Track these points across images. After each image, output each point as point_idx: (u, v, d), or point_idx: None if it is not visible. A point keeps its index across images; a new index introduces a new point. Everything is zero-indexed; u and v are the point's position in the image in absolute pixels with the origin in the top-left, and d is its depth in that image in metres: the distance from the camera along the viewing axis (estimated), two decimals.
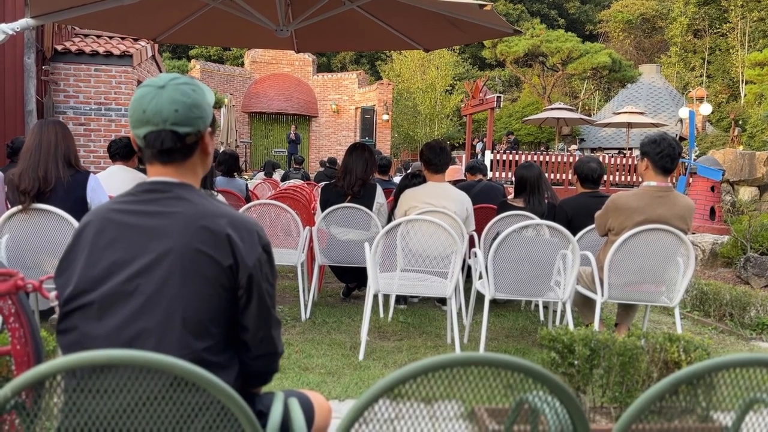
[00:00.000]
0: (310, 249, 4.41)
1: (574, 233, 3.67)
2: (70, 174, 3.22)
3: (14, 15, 7.22)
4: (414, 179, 4.74)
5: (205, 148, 1.37)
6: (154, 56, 10.07)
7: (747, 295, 4.66)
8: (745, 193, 10.81)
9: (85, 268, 1.25)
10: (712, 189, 8.28)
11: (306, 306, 4.29)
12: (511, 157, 13.92)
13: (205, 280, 1.22)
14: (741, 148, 17.29)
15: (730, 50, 29.19)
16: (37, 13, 3.67)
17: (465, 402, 1.02)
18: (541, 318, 4.49)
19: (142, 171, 4.70)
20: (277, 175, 11.21)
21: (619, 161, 14.19)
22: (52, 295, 1.65)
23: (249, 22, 4.49)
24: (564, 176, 13.70)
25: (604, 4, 38.47)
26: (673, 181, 10.82)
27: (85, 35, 9.13)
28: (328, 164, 11.54)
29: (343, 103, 21.29)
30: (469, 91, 15.18)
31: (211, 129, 1.39)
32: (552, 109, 18.50)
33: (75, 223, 3.12)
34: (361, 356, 3.40)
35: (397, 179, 7.35)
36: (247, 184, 5.70)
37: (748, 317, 4.47)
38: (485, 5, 3.28)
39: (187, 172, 1.35)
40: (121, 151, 4.40)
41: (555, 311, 4.26)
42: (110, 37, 9.11)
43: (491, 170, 13.24)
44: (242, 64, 24.31)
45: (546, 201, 4.43)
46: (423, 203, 3.96)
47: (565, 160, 14.08)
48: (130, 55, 8.67)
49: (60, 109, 8.50)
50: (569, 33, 26.08)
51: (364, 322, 3.45)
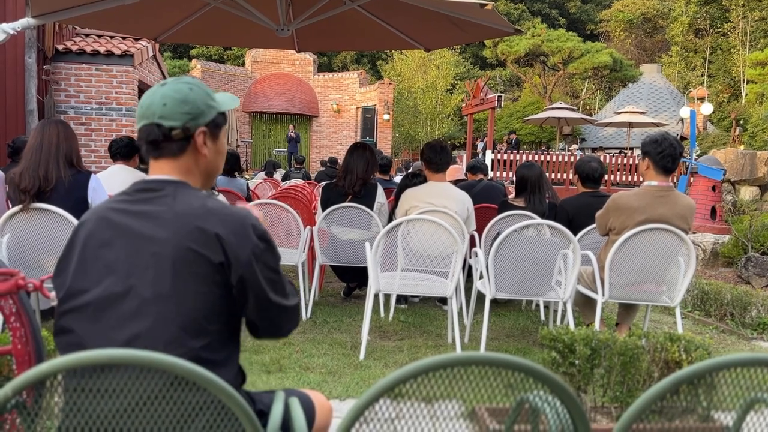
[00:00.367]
0: (311, 248, 4.41)
1: (575, 233, 3.67)
2: (71, 174, 3.22)
3: (15, 14, 7.23)
4: (415, 179, 4.74)
5: (198, 148, 1.36)
6: (155, 56, 10.08)
7: (748, 295, 4.66)
8: (746, 193, 10.81)
9: (79, 269, 1.26)
10: (713, 189, 8.28)
11: (307, 305, 4.29)
12: (512, 157, 13.92)
13: (199, 279, 1.22)
14: (742, 147, 17.29)
15: (732, 50, 29.17)
16: (38, 13, 3.68)
17: (466, 401, 1.02)
18: (542, 318, 4.49)
19: (143, 171, 4.70)
20: (278, 175, 11.21)
21: (619, 161, 14.18)
22: (53, 294, 1.65)
23: (250, 22, 4.49)
24: (565, 176, 13.69)
25: (605, 4, 38.44)
26: (674, 180, 10.81)
27: (86, 35, 9.14)
28: (328, 164, 11.54)
29: (343, 103, 21.29)
30: (470, 91, 15.17)
31: (207, 129, 1.36)
32: (553, 109, 18.49)
33: (76, 223, 3.12)
34: (362, 356, 3.40)
35: (398, 179, 7.35)
36: (248, 184, 5.70)
37: (749, 317, 4.46)
38: (486, 4, 3.28)
39: (181, 170, 1.35)
40: (121, 151, 4.41)
41: (556, 311, 4.26)
42: (111, 37, 9.11)
43: (492, 170, 13.24)
44: (243, 64, 24.32)
45: (547, 201, 4.43)
46: (424, 203, 3.96)
47: (566, 159, 14.07)
48: (131, 55, 8.67)
49: (61, 108, 8.51)
50: (570, 32, 26.08)
51: (365, 321, 3.45)
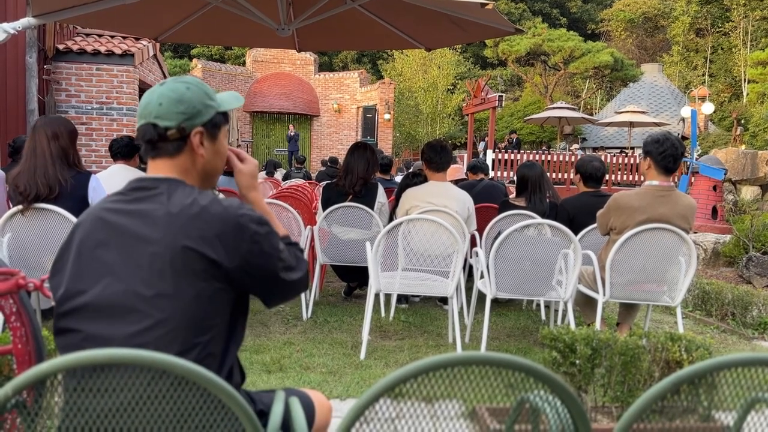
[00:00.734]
0: (312, 248, 4.41)
1: (576, 232, 3.67)
2: (70, 175, 3.19)
3: (15, 14, 7.23)
4: (415, 178, 4.74)
5: (195, 148, 1.34)
6: (155, 55, 10.08)
7: (749, 295, 4.65)
8: (748, 193, 10.80)
9: (76, 270, 1.25)
10: (714, 188, 8.27)
11: (307, 305, 4.29)
12: (512, 157, 13.91)
13: (197, 275, 1.21)
14: (743, 147, 17.27)
15: (733, 49, 29.14)
16: (39, 13, 3.68)
17: (466, 401, 1.02)
18: (543, 317, 4.49)
19: (144, 170, 4.70)
20: (279, 175, 11.21)
21: (620, 160, 14.17)
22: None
23: (250, 22, 4.50)
24: (566, 175, 13.69)
25: (606, 3, 38.41)
26: (675, 180, 10.80)
27: (87, 34, 9.14)
28: (329, 163, 11.54)
29: (344, 103, 21.29)
30: (471, 91, 15.17)
31: (204, 130, 1.35)
32: (554, 109, 18.48)
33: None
34: (363, 355, 3.40)
35: (399, 178, 7.35)
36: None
37: (750, 317, 4.46)
38: (487, 4, 3.28)
39: (178, 170, 1.35)
40: (122, 151, 4.41)
41: (556, 311, 4.26)
42: (112, 37, 9.11)
43: (493, 169, 13.23)
44: (244, 64, 24.32)
45: (548, 200, 4.43)
46: (424, 202, 3.96)
47: (567, 159, 14.06)
48: (132, 55, 8.67)
49: (62, 108, 8.51)
50: (571, 32, 26.07)
51: (366, 321, 3.45)
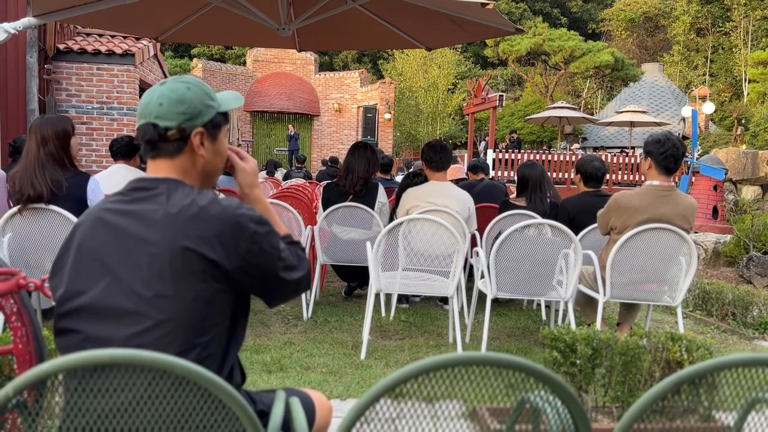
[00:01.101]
0: (312, 248, 4.41)
1: (576, 232, 3.67)
2: (66, 177, 3.16)
3: (16, 14, 7.23)
4: (416, 178, 4.74)
5: (195, 149, 1.34)
6: (156, 55, 10.08)
7: (749, 295, 4.65)
8: (748, 192, 10.79)
9: (75, 270, 1.25)
10: (715, 188, 8.27)
11: (308, 305, 4.29)
12: (513, 156, 13.91)
13: (197, 276, 1.21)
14: (744, 147, 17.27)
15: (733, 49, 29.13)
16: (39, 12, 3.68)
17: (467, 401, 1.02)
18: (543, 317, 4.49)
19: (144, 170, 4.70)
20: (279, 174, 11.21)
21: (621, 160, 14.16)
22: None
23: (251, 21, 4.49)
24: (566, 175, 13.68)
25: (607, 3, 38.40)
26: (676, 180, 10.80)
27: (87, 34, 9.14)
28: (330, 163, 11.53)
29: (345, 102, 21.29)
30: (472, 90, 15.17)
31: (205, 130, 1.35)
32: (554, 108, 18.47)
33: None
34: (363, 355, 3.41)
35: (399, 178, 7.35)
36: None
37: (750, 317, 4.46)
38: (487, 4, 3.28)
39: (177, 170, 1.35)
40: (122, 150, 4.41)
41: (557, 310, 4.26)
42: (112, 36, 9.11)
43: (493, 169, 13.23)
44: (244, 63, 24.32)
45: (548, 200, 4.43)
46: (425, 202, 3.96)
47: (568, 159, 14.06)
48: (132, 54, 8.67)
49: (62, 108, 8.51)
50: (571, 32, 26.07)
51: (366, 321, 3.45)
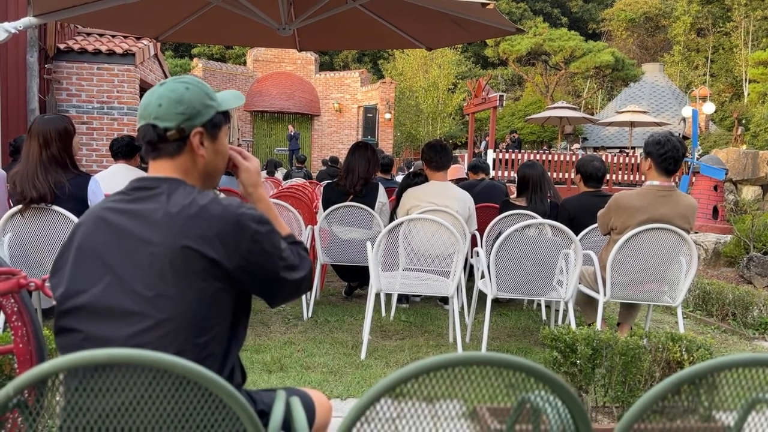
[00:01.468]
0: (312, 248, 4.41)
1: (577, 232, 3.67)
2: (68, 178, 3.16)
3: (17, 14, 7.23)
4: (416, 178, 4.74)
5: (195, 149, 1.34)
6: (156, 55, 10.08)
7: (750, 295, 4.65)
8: (748, 193, 10.78)
9: (76, 269, 1.25)
10: (715, 188, 8.26)
11: (308, 305, 4.29)
12: (513, 156, 13.91)
13: (197, 275, 1.21)
14: (744, 147, 17.27)
15: (734, 49, 29.11)
16: (40, 12, 3.68)
17: (467, 401, 1.02)
18: (543, 317, 4.49)
19: (145, 170, 4.70)
20: (280, 174, 11.22)
21: (621, 160, 14.16)
22: None
23: (251, 21, 4.49)
24: (567, 175, 13.68)
25: (607, 3, 38.38)
26: (676, 180, 10.80)
27: (88, 34, 9.14)
28: (330, 163, 11.54)
29: (345, 102, 21.29)
30: (472, 90, 15.17)
31: (204, 130, 1.35)
32: (555, 108, 18.46)
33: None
34: (363, 355, 3.41)
35: (399, 178, 7.35)
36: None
37: (750, 317, 4.46)
38: (488, 4, 3.28)
39: (178, 170, 1.35)
40: (123, 150, 4.41)
41: (557, 310, 4.26)
42: (113, 36, 9.11)
43: (494, 169, 13.22)
44: (244, 63, 24.32)
45: (549, 200, 4.43)
46: (425, 202, 3.96)
47: (568, 159, 14.05)
48: (133, 54, 8.67)
49: (62, 107, 8.51)
50: (572, 32, 26.07)
51: (366, 321, 3.45)
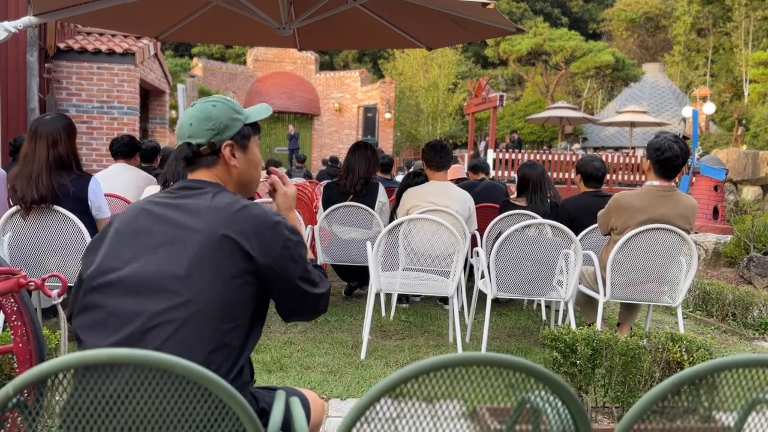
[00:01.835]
0: (312, 248, 4.41)
1: (577, 232, 3.67)
2: (70, 179, 3.15)
3: (17, 13, 7.23)
4: (416, 178, 4.74)
5: (227, 160, 1.45)
6: (156, 54, 10.08)
7: (750, 295, 4.65)
8: (749, 193, 10.78)
9: (112, 249, 1.31)
10: (716, 188, 8.26)
11: None
12: (513, 156, 13.91)
13: (231, 263, 1.28)
14: (744, 147, 17.27)
15: (734, 49, 29.10)
16: (40, 11, 3.67)
17: (467, 401, 1.02)
18: (543, 317, 4.49)
19: (144, 169, 4.70)
20: None
21: (621, 160, 14.15)
22: (54, 293, 1.65)
23: (251, 20, 4.49)
24: (567, 175, 13.67)
25: (608, 3, 38.37)
26: (677, 180, 10.78)
27: (88, 33, 9.14)
28: (330, 163, 11.54)
29: (345, 102, 21.29)
30: (472, 90, 15.16)
31: (234, 142, 1.45)
32: (555, 108, 18.47)
33: (78, 222, 3.12)
34: (363, 355, 3.41)
35: (399, 178, 7.35)
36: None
37: (750, 317, 4.46)
38: (488, 3, 3.27)
39: (215, 178, 1.46)
40: (122, 150, 4.41)
41: (557, 311, 4.26)
42: (113, 35, 9.11)
43: (494, 169, 13.22)
44: (245, 63, 24.32)
45: (549, 200, 4.43)
46: (425, 202, 3.96)
47: (568, 159, 14.05)
48: (133, 54, 8.67)
49: (62, 107, 8.51)
50: (572, 31, 26.09)
51: (366, 320, 3.45)
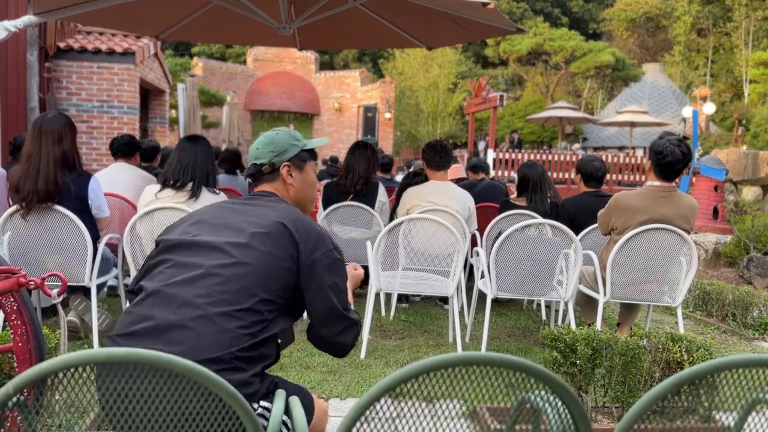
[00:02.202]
0: None
1: (577, 232, 3.66)
2: (70, 178, 3.16)
3: (17, 12, 7.23)
4: (416, 178, 4.74)
5: (284, 178, 1.71)
6: (156, 54, 10.08)
7: (750, 295, 4.65)
8: (749, 193, 10.78)
9: (190, 226, 1.55)
10: (716, 188, 8.26)
11: None
12: (513, 156, 13.90)
13: (280, 247, 1.48)
14: (744, 147, 17.26)
15: (734, 49, 29.08)
16: (40, 11, 3.67)
17: (467, 401, 1.02)
18: (543, 317, 4.48)
19: (144, 169, 4.70)
20: None
21: (621, 160, 14.15)
22: (54, 292, 1.65)
23: (252, 20, 4.49)
24: (567, 175, 13.67)
25: (608, 3, 38.35)
26: (677, 180, 10.78)
27: (88, 32, 9.13)
28: (330, 162, 11.53)
29: (345, 102, 21.28)
30: (472, 90, 15.16)
31: (291, 163, 1.71)
32: (555, 108, 18.47)
33: (78, 222, 3.12)
34: (363, 355, 3.40)
35: (399, 177, 7.35)
36: (249, 181, 5.68)
37: (750, 317, 4.46)
38: (488, 3, 3.27)
39: (276, 192, 1.71)
40: (122, 149, 4.40)
41: (557, 310, 4.26)
42: (113, 35, 9.11)
43: (494, 169, 13.22)
44: (245, 62, 24.31)
45: (549, 200, 4.43)
46: (425, 202, 3.96)
47: (568, 159, 14.05)
48: (133, 53, 8.67)
49: (62, 106, 8.51)
50: (572, 31, 26.08)
51: (366, 320, 3.45)
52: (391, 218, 4.56)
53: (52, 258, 3.17)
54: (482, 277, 3.82)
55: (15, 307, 1.60)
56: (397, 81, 23.41)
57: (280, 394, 1.41)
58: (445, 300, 4.64)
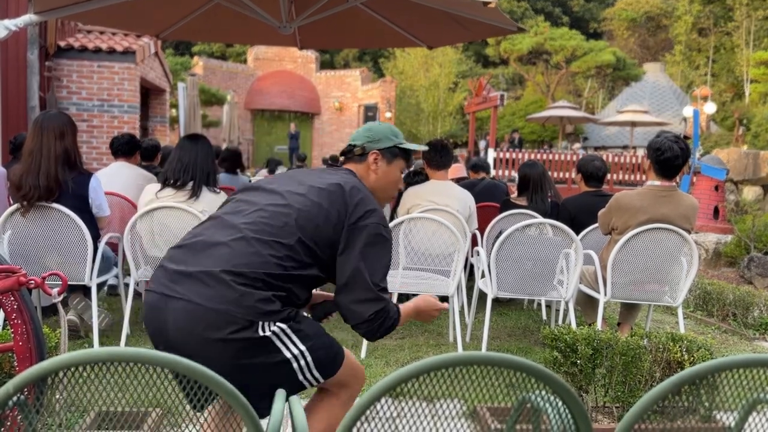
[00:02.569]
0: None
1: (577, 232, 3.66)
2: (71, 177, 3.16)
3: (17, 11, 7.22)
4: (417, 177, 4.73)
5: (369, 164, 1.84)
6: (156, 53, 10.08)
7: (750, 295, 4.65)
8: (749, 193, 10.77)
9: (260, 181, 1.78)
10: (716, 188, 8.25)
11: None
12: (514, 156, 13.90)
13: (331, 202, 1.62)
14: (745, 147, 17.25)
15: (735, 49, 29.05)
16: (40, 10, 3.67)
17: (467, 401, 1.02)
18: (544, 317, 4.48)
19: (145, 168, 4.69)
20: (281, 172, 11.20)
21: (621, 160, 14.14)
22: (54, 291, 1.65)
23: (252, 19, 4.49)
24: (567, 175, 13.67)
25: (609, 2, 38.31)
26: (677, 180, 10.78)
27: (89, 31, 9.13)
28: (330, 162, 11.54)
29: (345, 101, 21.28)
30: (473, 89, 15.15)
31: (380, 153, 1.83)
32: (555, 108, 18.46)
33: (78, 221, 3.12)
34: (363, 354, 3.40)
35: None
36: (250, 180, 5.69)
37: (751, 317, 4.45)
38: (489, 2, 3.27)
39: (357, 173, 1.83)
40: (123, 148, 4.40)
41: (557, 310, 4.25)
42: (113, 34, 9.10)
43: (494, 168, 13.21)
44: (245, 61, 24.31)
45: (549, 200, 4.42)
46: (426, 201, 3.96)
47: (569, 158, 14.04)
48: (133, 52, 8.67)
49: (63, 105, 8.51)
50: (573, 31, 26.07)
51: None
52: (392, 218, 4.56)
53: (52, 257, 3.17)
54: (483, 276, 3.82)
55: (15, 306, 1.59)
56: (398, 80, 23.40)
57: (280, 395, 1.41)
58: (445, 299, 4.64)
